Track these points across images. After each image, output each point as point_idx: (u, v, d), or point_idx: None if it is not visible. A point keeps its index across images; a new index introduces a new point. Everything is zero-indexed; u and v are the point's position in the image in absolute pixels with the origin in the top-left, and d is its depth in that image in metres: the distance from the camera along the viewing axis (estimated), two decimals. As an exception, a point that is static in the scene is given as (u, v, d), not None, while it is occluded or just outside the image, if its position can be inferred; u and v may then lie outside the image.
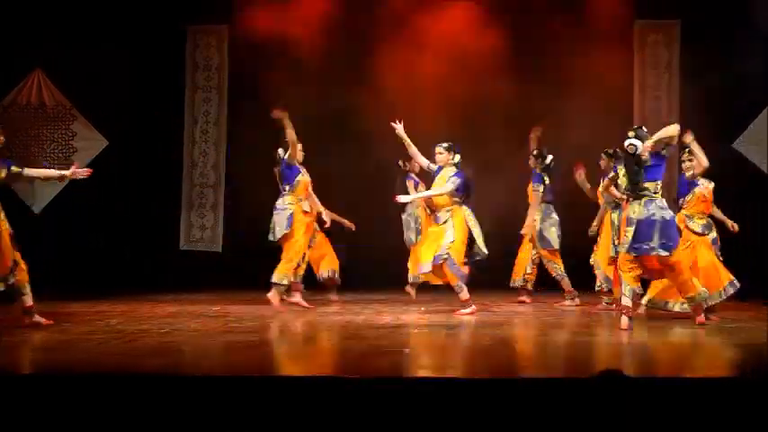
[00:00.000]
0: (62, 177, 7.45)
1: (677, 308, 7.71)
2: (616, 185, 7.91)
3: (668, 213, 7.18)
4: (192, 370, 5.33)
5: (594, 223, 9.10)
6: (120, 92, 11.45)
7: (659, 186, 7.21)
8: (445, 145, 8.43)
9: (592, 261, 9.05)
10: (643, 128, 7.42)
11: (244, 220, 12.05)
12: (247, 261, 11.68)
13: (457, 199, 8.27)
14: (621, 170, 7.35)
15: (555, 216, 9.48)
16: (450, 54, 11.95)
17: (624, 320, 7.02)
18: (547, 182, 9.53)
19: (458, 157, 8.41)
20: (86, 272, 10.83)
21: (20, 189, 11.17)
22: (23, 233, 7.24)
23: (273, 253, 9.98)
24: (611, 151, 9.01)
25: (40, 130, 11.32)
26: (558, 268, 9.48)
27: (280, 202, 8.81)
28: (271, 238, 8.81)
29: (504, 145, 11.45)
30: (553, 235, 9.42)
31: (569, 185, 9.81)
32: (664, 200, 7.21)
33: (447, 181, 8.26)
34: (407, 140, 8.53)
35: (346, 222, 9.82)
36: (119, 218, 11.38)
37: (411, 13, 11.98)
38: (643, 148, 7.11)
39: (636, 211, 7.11)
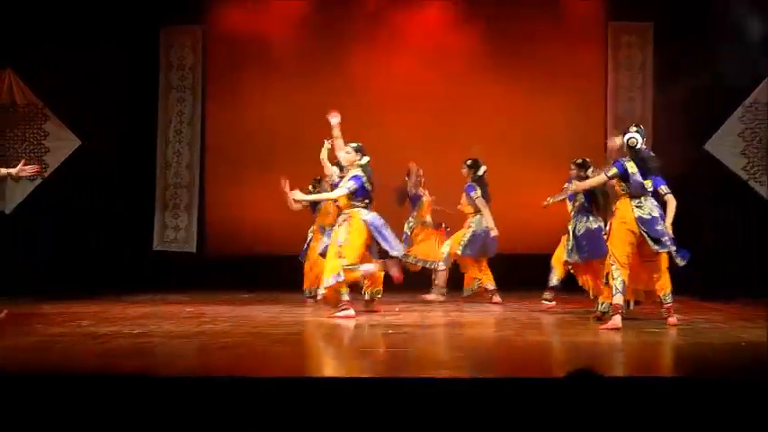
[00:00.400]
0: (8, 175, 7.32)
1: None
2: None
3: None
4: (166, 371, 5.31)
5: (552, 199, 9.09)
6: (93, 92, 11.37)
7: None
8: (354, 145, 8.21)
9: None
10: (641, 126, 7.49)
11: (219, 220, 12.01)
12: (222, 262, 11.67)
13: (356, 202, 8.10)
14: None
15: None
16: (425, 53, 12.00)
17: (618, 319, 7.04)
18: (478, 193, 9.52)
19: (365, 159, 8.19)
20: (57, 273, 10.73)
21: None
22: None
23: (248, 254, 10.00)
24: (579, 161, 9.05)
25: (12, 129, 11.18)
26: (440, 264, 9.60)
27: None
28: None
29: (479, 143, 11.49)
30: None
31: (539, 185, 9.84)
32: None
33: (344, 184, 8.13)
34: (338, 133, 8.35)
35: None
36: (91, 218, 11.28)
37: (388, 11, 12.01)
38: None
39: (647, 210, 7.19)
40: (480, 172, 9.52)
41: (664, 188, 7.77)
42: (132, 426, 4.34)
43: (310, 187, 9.83)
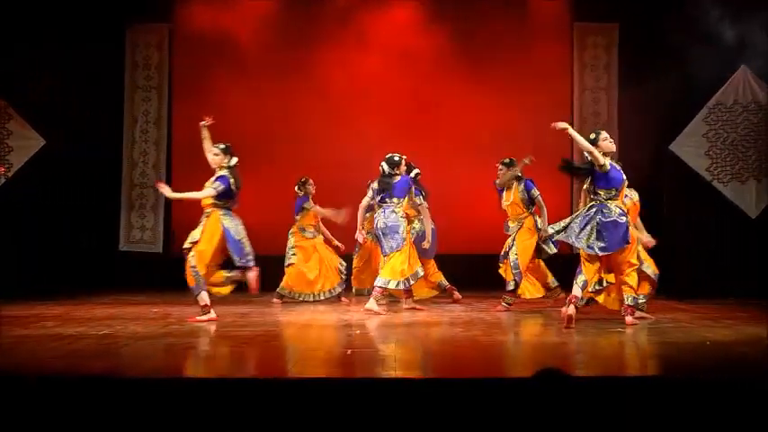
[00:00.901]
0: None
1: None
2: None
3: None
4: (132, 372, 5.29)
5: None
6: (57, 91, 11.24)
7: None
8: (222, 146, 8.11)
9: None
10: (601, 132, 7.56)
11: (186, 220, 11.88)
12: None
13: (217, 202, 7.95)
14: None
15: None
16: (394, 53, 12.00)
17: (572, 309, 7.15)
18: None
19: (234, 161, 8.10)
20: (20, 274, 10.54)
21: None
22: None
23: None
24: (507, 160, 9.12)
25: None
26: None
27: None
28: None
29: (446, 144, 11.53)
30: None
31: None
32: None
33: (211, 184, 8.01)
34: (206, 135, 8.27)
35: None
36: (56, 219, 11.13)
37: (356, 12, 12.00)
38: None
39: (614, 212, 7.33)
40: (413, 174, 9.40)
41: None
42: (98, 427, 4.31)
43: (296, 188, 9.88)
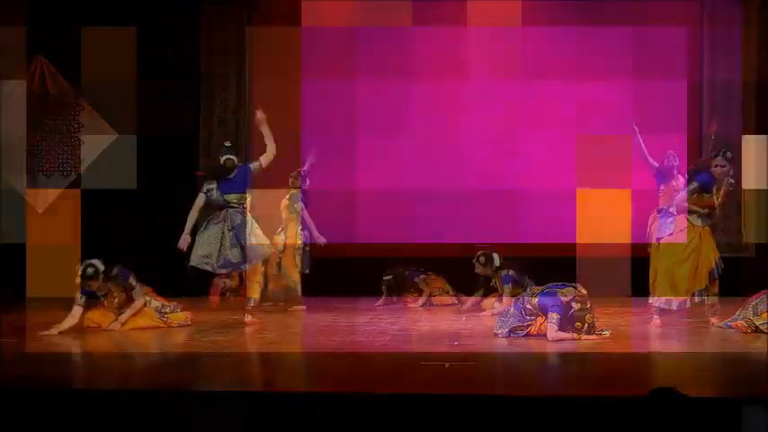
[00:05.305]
0: None
1: None
2: None
3: None
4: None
5: None
6: (128, 77, 11.39)
7: None
8: None
9: None
10: None
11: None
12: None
13: None
14: None
15: None
16: (503, 33, 11.79)
17: None
18: None
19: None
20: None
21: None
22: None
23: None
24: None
25: (44, 121, 11.26)
26: None
27: None
28: None
29: (538, 134, 11.46)
30: None
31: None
32: None
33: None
34: None
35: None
36: (124, 223, 11.38)
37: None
38: None
39: None
40: None
41: None
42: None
43: None
